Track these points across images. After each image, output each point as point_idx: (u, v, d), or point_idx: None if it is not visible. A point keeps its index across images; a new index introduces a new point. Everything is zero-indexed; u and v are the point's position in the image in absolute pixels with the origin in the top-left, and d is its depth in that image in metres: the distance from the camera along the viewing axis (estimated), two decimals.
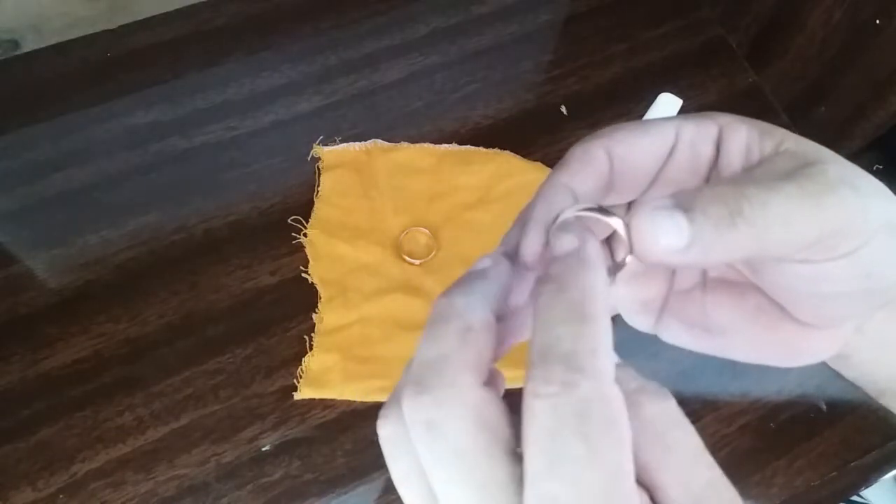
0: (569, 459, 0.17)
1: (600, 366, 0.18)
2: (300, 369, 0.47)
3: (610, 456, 0.17)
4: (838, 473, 0.48)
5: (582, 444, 0.17)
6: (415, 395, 0.19)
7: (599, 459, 0.17)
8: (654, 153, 0.25)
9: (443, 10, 0.61)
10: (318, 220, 0.52)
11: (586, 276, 0.20)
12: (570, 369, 0.18)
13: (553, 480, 0.17)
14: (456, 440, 0.18)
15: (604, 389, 0.18)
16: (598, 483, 0.17)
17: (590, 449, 0.17)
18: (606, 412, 0.17)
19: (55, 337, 0.48)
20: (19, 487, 0.44)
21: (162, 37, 0.59)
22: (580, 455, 0.17)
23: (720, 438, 0.48)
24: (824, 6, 0.52)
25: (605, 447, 0.17)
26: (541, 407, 0.17)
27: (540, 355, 0.18)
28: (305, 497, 0.45)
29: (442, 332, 0.20)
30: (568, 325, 0.19)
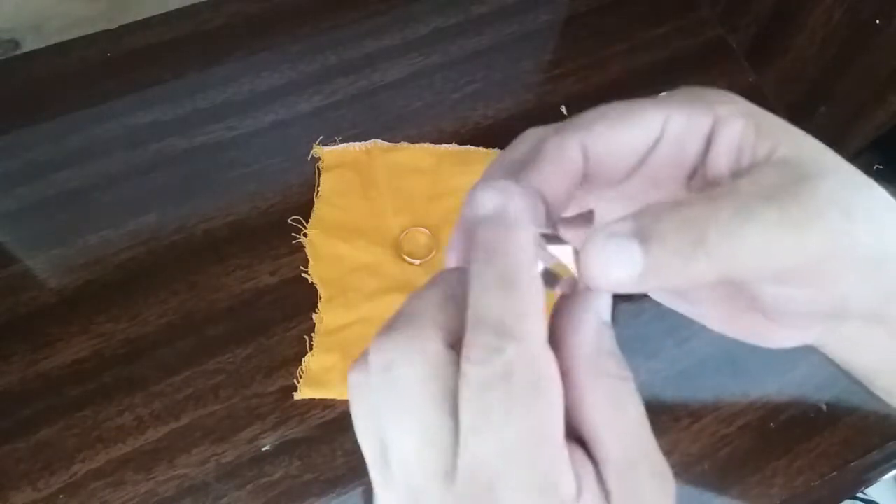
0: (494, 419, 0.18)
1: (527, 329, 0.19)
2: (300, 369, 0.47)
3: (533, 415, 0.18)
4: (838, 473, 0.48)
5: (506, 404, 0.18)
6: (381, 337, 0.20)
7: (523, 418, 0.18)
8: (636, 147, 0.23)
9: (443, 10, 0.61)
10: (317, 220, 0.52)
11: (511, 242, 0.20)
12: (498, 335, 0.19)
13: (480, 439, 0.18)
14: (407, 385, 0.19)
15: (531, 352, 0.19)
16: (522, 441, 0.18)
17: (513, 408, 0.18)
18: (531, 374, 0.18)
19: (55, 337, 0.48)
20: (19, 487, 0.44)
21: (162, 37, 0.59)
22: (504, 414, 0.18)
23: (720, 438, 0.48)
24: (824, 6, 0.52)
25: (528, 406, 0.18)
26: (472, 371, 0.18)
27: (472, 322, 0.19)
28: (305, 497, 0.45)
29: (427, 292, 0.21)
30: (496, 292, 0.19)
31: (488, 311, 0.19)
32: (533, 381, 0.18)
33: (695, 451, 0.47)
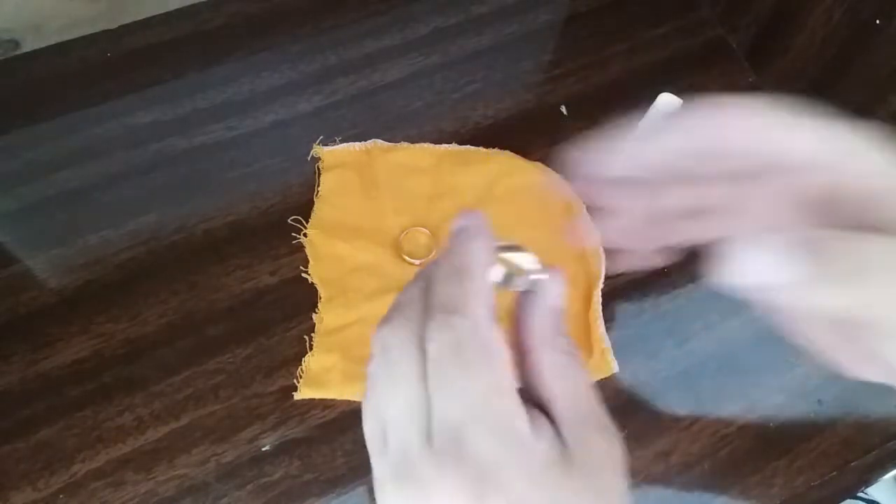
0: (451, 381, 0.23)
1: (472, 307, 0.23)
2: (300, 369, 0.47)
3: (484, 376, 0.23)
4: (838, 473, 0.48)
5: (460, 368, 0.22)
6: (379, 326, 0.25)
7: (476, 376, 0.22)
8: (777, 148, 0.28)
9: (443, 10, 0.61)
10: (317, 220, 0.52)
11: (466, 245, 0.26)
12: (448, 313, 0.23)
13: (444, 400, 0.23)
14: (397, 363, 0.24)
15: (477, 323, 0.23)
16: (478, 395, 0.22)
17: (467, 370, 0.22)
18: (478, 343, 0.23)
19: (55, 337, 0.48)
20: (19, 487, 0.44)
21: (162, 37, 0.59)
22: (459, 376, 0.22)
23: (720, 438, 0.48)
24: (824, 6, 0.52)
25: (479, 366, 0.23)
26: (431, 346, 0.23)
27: (430, 307, 0.24)
28: (305, 497, 0.45)
29: (412, 286, 0.26)
30: (449, 281, 0.24)
31: (442, 296, 0.24)
32: (481, 346, 0.23)
33: (695, 451, 0.47)
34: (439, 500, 0.23)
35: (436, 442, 0.23)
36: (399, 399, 0.24)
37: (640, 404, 0.48)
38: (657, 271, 0.53)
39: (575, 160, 0.29)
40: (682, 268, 0.53)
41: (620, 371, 0.49)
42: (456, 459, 0.22)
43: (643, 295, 0.52)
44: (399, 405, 0.24)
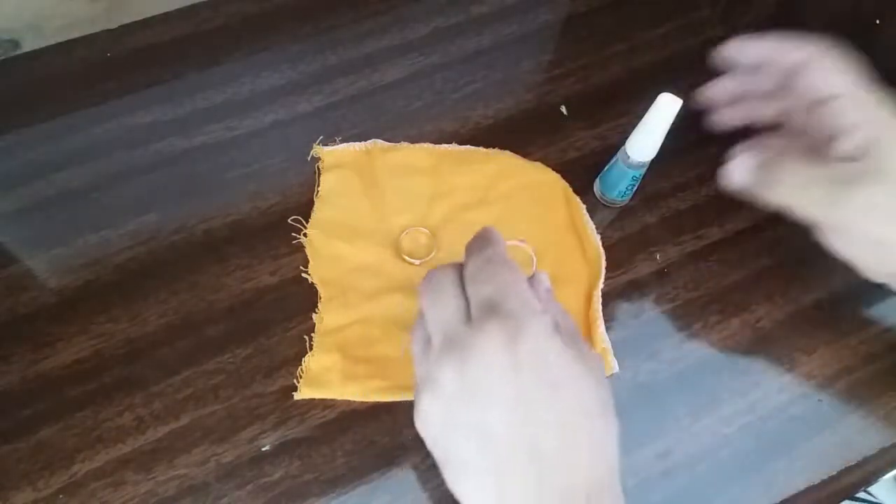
0: (484, 278, 0.35)
1: (500, 246, 0.37)
2: (300, 369, 0.47)
3: (508, 273, 0.35)
4: (838, 473, 0.48)
5: (489, 272, 0.35)
6: (479, 249, 0.38)
7: (501, 275, 0.35)
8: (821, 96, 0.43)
9: (443, 10, 0.61)
10: (317, 221, 0.52)
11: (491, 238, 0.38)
12: (483, 245, 0.37)
13: (479, 289, 0.35)
14: (442, 284, 0.37)
15: (500, 251, 0.37)
16: (504, 284, 0.35)
17: (494, 272, 0.35)
18: (502, 258, 0.36)
19: (55, 337, 0.48)
20: (19, 487, 0.44)
21: (162, 37, 0.59)
22: (489, 275, 0.35)
23: (720, 438, 0.48)
24: (824, 6, 0.52)
25: (503, 270, 0.35)
26: (467, 269, 0.37)
27: (468, 254, 0.38)
28: (305, 497, 0.45)
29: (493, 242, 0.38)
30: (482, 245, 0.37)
31: (476, 249, 0.37)
32: (504, 259, 0.36)
33: (695, 451, 0.47)
34: (480, 346, 0.32)
35: (474, 316, 0.34)
36: (441, 305, 0.35)
37: (640, 404, 0.48)
38: (657, 271, 0.53)
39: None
40: (682, 268, 0.53)
41: (620, 371, 0.49)
42: (494, 315, 0.33)
43: (643, 295, 0.52)
44: (442, 308, 0.35)
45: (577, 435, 0.33)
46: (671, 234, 0.50)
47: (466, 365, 0.33)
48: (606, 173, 0.52)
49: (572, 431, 0.33)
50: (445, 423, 0.34)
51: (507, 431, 0.32)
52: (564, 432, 0.33)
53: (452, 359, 0.33)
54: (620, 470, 0.47)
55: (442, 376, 0.33)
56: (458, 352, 0.33)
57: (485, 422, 0.32)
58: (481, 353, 0.32)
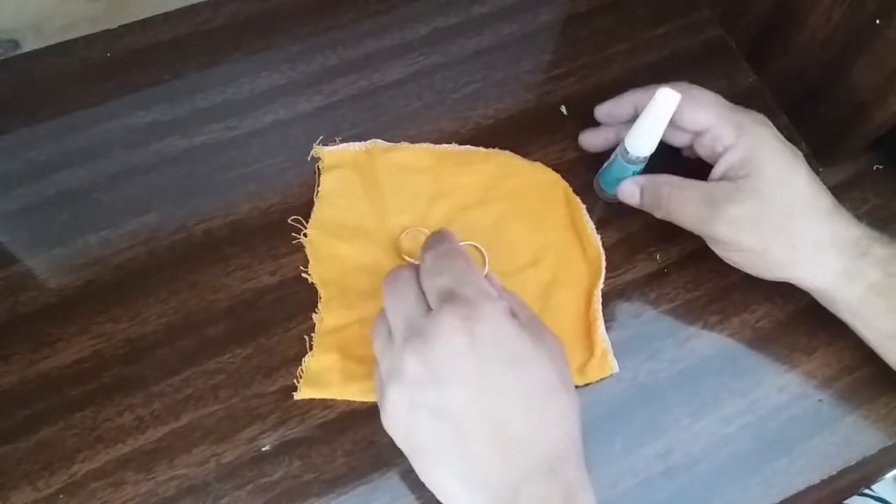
0: (440, 269, 0.38)
1: (453, 242, 0.40)
2: (300, 369, 0.47)
3: (463, 263, 0.38)
4: (838, 473, 0.48)
5: (444, 263, 0.38)
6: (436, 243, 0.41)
7: (457, 263, 0.38)
8: (693, 126, 0.48)
9: (443, 10, 0.61)
10: (317, 221, 0.52)
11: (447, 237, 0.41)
12: (438, 241, 0.40)
13: (437, 278, 0.37)
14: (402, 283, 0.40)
15: (455, 245, 0.40)
16: (459, 272, 0.37)
17: (450, 262, 0.38)
18: (457, 251, 0.39)
19: (55, 337, 0.48)
20: (19, 487, 0.44)
21: (162, 37, 0.59)
22: (444, 266, 0.38)
23: (720, 438, 0.48)
24: (824, 6, 0.52)
25: (458, 260, 0.38)
26: (423, 262, 0.39)
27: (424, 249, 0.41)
28: (305, 497, 0.45)
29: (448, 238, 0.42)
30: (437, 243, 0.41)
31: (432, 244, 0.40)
32: (459, 252, 0.39)
33: (695, 451, 0.47)
34: (439, 331, 0.35)
35: (433, 305, 0.36)
36: (400, 298, 0.38)
37: (640, 404, 0.48)
38: (657, 271, 0.53)
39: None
40: (682, 268, 0.53)
41: (620, 371, 0.49)
42: (450, 301, 0.35)
43: (643, 295, 0.52)
44: (401, 301, 0.38)
45: (539, 408, 0.35)
46: (671, 234, 0.50)
47: (427, 350, 0.34)
48: (606, 169, 0.52)
49: (533, 405, 0.35)
50: (412, 410, 0.35)
51: (469, 409, 0.34)
52: (527, 405, 0.35)
53: (414, 347, 0.35)
54: (621, 470, 0.47)
55: (405, 366, 0.35)
56: (419, 339, 0.35)
57: (448, 402, 0.34)
58: (440, 336, 0.34)
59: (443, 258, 0.38)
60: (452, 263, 0.38)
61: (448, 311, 0.35)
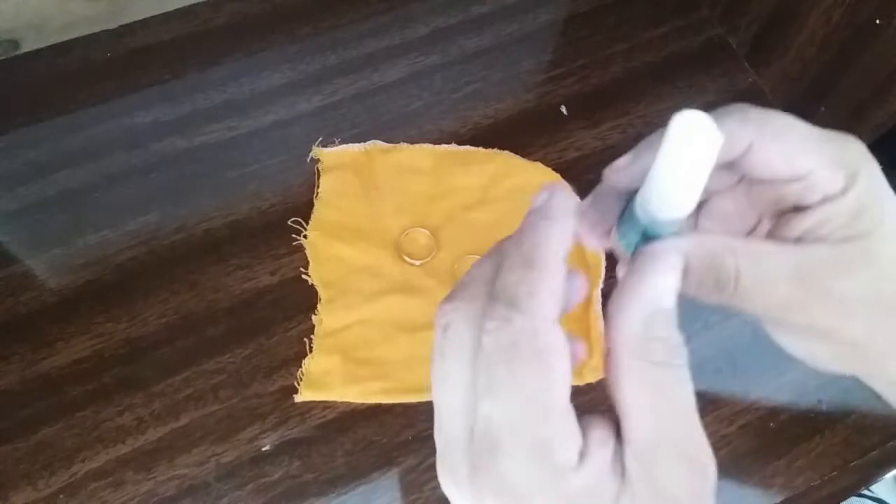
0: (498, 382, 0.20)
1: (536, 305, 0.21)
2: (300, 371, 0.47)
3: (530, 388, 0.20)
4: (838, 473, 0.48)
5: (507, 369, 0.20)
6: (444, 301, 0.23)
7: (520, 390, 0.20)
8: (779, 174, 0.26)
9: (443, 10, 0.61)
10: (317, 222, 0.52)
11: (540, 229, 0.22)
12: (509, 307, 0.21)
13: (488, 401, 0.20)
14: (453, 345, 0.22)
15: (536, 325, 0.21)
16: (522, 406, 0.20)
17: (516, 375, 0.20)
18: (533, 348, 0.20)
19: (55, 337, 0.48)
20: (19, 487, 0.44)
21: (162, 37, 0.59)
22: (507, 380, 0.20)
23: (720, 438, 0.48)
24: (824, 6, 0.52)
25: (527, 379, 0.20)
26: (485, 339, 0.21)
27: (492, 295, 0.22)
28: (305, 497, 0.45)
29: (482, 262, 0.23)
30: (515, 271, 0.22)
31: (506, 285, 0.21)
32: (535, 353, 0.20)
33: None
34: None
35: (475, 443, 0.21)
36: (449, 384, 0.22)
37: None
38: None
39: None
40: None
41: None
42: (489, 473, 0.21)
43: None
44: (448, 391, 0.22)
45: None
46: None
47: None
48: (624, 220, 0.29)
49: None
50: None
51: None
52: None
53: (447, 485, 0.23)
54: None
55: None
56: (453, 487, 0.23)
57: None
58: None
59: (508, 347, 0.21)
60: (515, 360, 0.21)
61: (486, 483, 0.21)
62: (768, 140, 0.25)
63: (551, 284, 0.21)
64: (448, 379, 0.22)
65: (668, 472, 0.21)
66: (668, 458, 0.21)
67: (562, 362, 0.21)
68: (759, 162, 0.26)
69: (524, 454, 0.20)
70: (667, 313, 0.22)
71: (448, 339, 0.22)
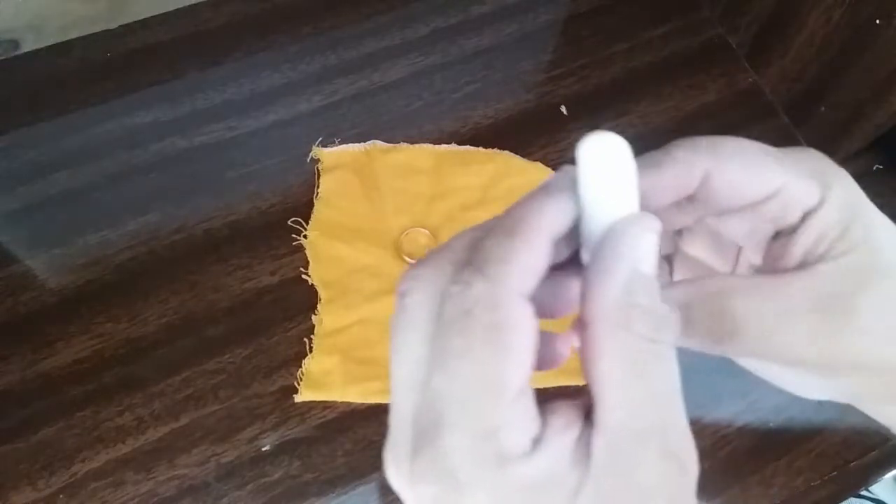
0: (449, 352, 0.18)
1: (503, 273, 0.19)
2: (300, 371, 0.47)
3: (483, 363, 0.18)
4: (838, 473, 0.48)
5: (461, 339, 0.18)
6: (409, 268, 0.20)
7: (472, 363, 0.18)
8: (746, 198, 0.23)
9: (443, 10, 0.61)
10: (318, 222, 0.52)
11: (533, 201, 0.20)
12: (474, 271, 0.19)
13: (436, 371, 0.18)
14: (410, 313, 0.19)
15: (497, 294, 0.18)
16: (471, 383, 0.18)
17: (467, 346, 0.18)
18: (492, 316, 0.18)
19: (55, 337, 0.48)
20: (19, 487, 0.44)
21: (162, 37, 0.59)
22: (457, 349, 0.18)
23: (720, 438, 0.48)
24: (824, 6, 0.52)
25: (480, 352, 0.18)
26: (446, 305, 0.19)
27: (466, 262, 0.19)
28: (305, 497, 0.45)
29: (465, 232, 0.21)
30: (494, 238, 0.19)
31: (481, 250, 0.19)
32: (493, 324, 0.18)
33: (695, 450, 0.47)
34: (413, 494, 0.19)
35: (419, 420, 0.19)
36: (402, 357, 0.20)
37: None
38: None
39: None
40: None
41: None
42: (428, 456, 0.18)
43: None
44: (402, 364, 0.20)
45: None
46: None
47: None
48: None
49: None
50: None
51: None
52: None
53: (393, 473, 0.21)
54: None
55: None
56: (395, 469, 0.20)
57: None
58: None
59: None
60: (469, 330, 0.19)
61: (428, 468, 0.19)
62: (725, 161, 0.23)
63: (527, 257, 0.19)
64: (402, 350, 0.19)
65: (642, 464, 0.18)
66: (644, 448, 0.18)
67: (522, 340, 0.18)
68: (722, 187, 0.23)
69: (468, 437, 0.18)
70: (648, 280, 0.20)
71: (406, 308, 0.20)
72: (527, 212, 0.20)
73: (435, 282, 0.19)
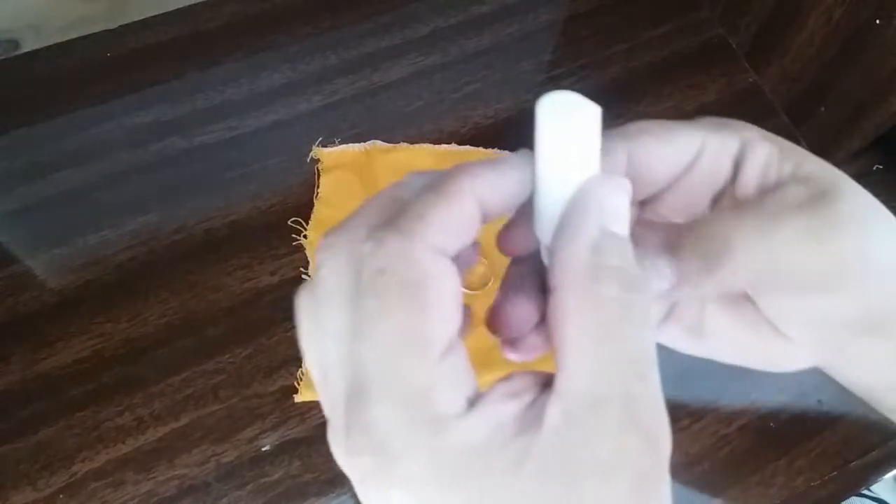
0: (367, 316, 0.17)
1: (419, 228, 0.17)
2: (300, 372, 0.47)
3: (403, 315, 0.17)
4: (838, 473, 0.48)
5: (377, 300, 0.17)
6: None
7: (390, 322, 0.17)
8: (674, 163, 0.23)
9: (443, 10, 0.61)
10: (318, 222, 0.52)
11: (467, 164, 0.19)
12: (387, 227, 0.18)
13: (357, 339, 0.17)
14: (327, 283, 0.18)
15: (411, 249, 0.17)
16: (392, 343, 0.17)
17: (383, 306, 0.17)
18: (407, 271, 0.17)
19: (55, 337, 0.48)
20: (19, 487, 0.44)
21: (162, 37, 0.59)
22: (375, 311, 0.17)
23: (720, 438, 0.48)
24: (824, 6, 0.52)
25: (396, 311, 0.17)
26: (362, 265, 0.17)
27: (384, 222, 0.18)
28: (305, 497, 0.45)
29: (377, 195, 0.19)
30: (413, 195, 0.19)
31: (399, 209, 0.18)
32: (407, 281, 0.17)
33: (695, 451, 0.47)
34: (352, 472, 0.18)
35: (351, 394, 0.17)
36: (323, 332, 0.18)
37: None
38: None
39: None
40: None
41: None
42: (359, 429, 0.17)
43: None
44: (324, 340, 0.18)
45: None
46: None
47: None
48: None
49: None
50: None
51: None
52: None
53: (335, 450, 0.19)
54: None
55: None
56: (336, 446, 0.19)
57: None
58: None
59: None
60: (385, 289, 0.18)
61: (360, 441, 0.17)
62: (639, 136, 0.23)
63: (447, 214, 0.18)
64: (322, 326, 0.18)
65: (599, 435, 0.16)
66: (603, 417, 0.16)
67: (441, 294, 0.17)
68: (645, 161, 0.22)
69: (395, 402, 0.16)
70: (620, 240, 0.18)
71: (322, 280, 0.18)
72: (454, 171, 0.19)
73: (350, 247, 0.18)
